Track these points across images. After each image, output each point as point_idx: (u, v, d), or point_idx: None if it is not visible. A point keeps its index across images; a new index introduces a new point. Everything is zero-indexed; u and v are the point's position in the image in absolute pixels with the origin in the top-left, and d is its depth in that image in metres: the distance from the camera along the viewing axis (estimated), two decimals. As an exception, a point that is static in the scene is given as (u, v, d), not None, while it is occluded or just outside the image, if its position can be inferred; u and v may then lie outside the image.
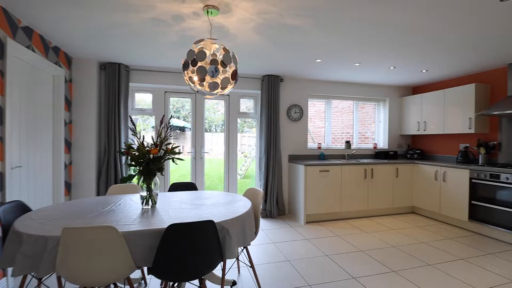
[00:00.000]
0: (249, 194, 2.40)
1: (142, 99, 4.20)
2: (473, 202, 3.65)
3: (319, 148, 4.72)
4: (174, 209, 1.91)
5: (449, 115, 4.30)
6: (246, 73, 4.21)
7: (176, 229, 1.43)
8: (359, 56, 3.34)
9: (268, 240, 3.25)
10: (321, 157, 4.60)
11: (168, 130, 1.96)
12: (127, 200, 2.16)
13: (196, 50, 1.90)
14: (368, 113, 5.31)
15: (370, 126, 5.32)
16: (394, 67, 3.84)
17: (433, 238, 3.40)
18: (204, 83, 1.95)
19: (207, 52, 1.93)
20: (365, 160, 4.55)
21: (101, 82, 3.68)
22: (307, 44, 2.92)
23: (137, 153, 1.86)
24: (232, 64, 1.93)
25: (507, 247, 3.15)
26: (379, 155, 4.96)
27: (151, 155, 1.86)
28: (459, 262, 2.74)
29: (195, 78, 1.98)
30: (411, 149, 5.07)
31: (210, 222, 1.49)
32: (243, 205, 2.01)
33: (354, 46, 2.97)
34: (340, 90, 4.87)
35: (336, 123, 5.02)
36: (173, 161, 1.96)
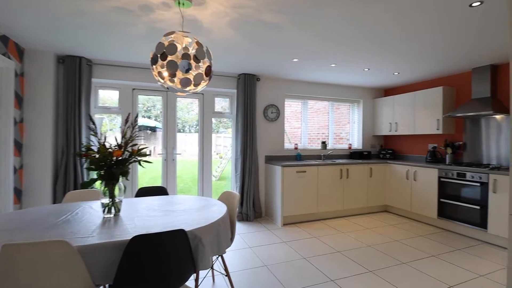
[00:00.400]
0: (225, 197, 2.26)
1: (108, 96, 3.89)
2: (441, 200, 3.81)
3: (296, 148, 4.69)
4: (141, 217, 1.72)
5: (419, 116, 4.47)
6: (221, 71, 4.06)
7: (141, 240, 1.26)
8: (335, 57, 3.34)
9: (244, 245, 3.13)
10: (298, 157, 4.57)
11: (134, 130, 1.77)
12: (87, 208, 1.92)
13: (166, 43, 1.73)
14: (343, 114, 5.39)
15: (345, 127, 5.40)
16: (368, 69, 3.91)
17: (405, 236, 3.49)
18: (175, 79, 1.79)
19: (179, 46, 1.77)
20: (340, 160, 4.60)
21: (58, 77, 3.33)
22: (284, 43, 2.84)
23: (97, 156, 1.65)
24: (206, 59, 1.79)
25: (473, 242, 3.31)
26: (354, 155, 5.04)
27: (114, 158, 1.66)
28: (431, 259, 2.81)
29: (165, 74, 1.80)
30: (384, 149, 5.22)
31: (181, 231, 1.34)
32: (217, 210, 1.87)
33: (331, 46, 2.95)
34: (316, 90, 4.88)
35: (312, 123, 5.03)
36: (140, 164, 1.77)
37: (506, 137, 3.61)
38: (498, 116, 3.69)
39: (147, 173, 8.72)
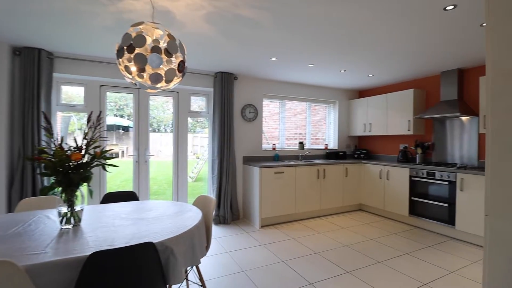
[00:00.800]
0: (200, 202, 2.14)
1: (76, 93, 3.58)
2: (413, 198, 3.94)
3: (274, 149, 4.64)
4: (105, 227, 1.55)
5: (391, 117, 4.61)
6: (197, 68, 3.90)
7: (101, 257, 1.11)
8: (313, 57, 3.32)
9: (221, 250, 3.01)
10: (276, 158, 4.53)
11: (97, 130, 1.59)
12: (42, 218, 1.71)
13: (133, 34, 1.57)
14: (320, 114, 5.44)
15: (321, 127, 5.45)
16: (345, 70, 3.95)
17: (380, 234, 3.57)
18: (145, 74, 1.64)
19: (148, 38, 1.62)
20: (317, 161, 4.62)
21: (14, 71, 2.99)
22: (263, 40, 2.77)
23: (52, 159, 1.46)
24: (179, 54, 1.65)
25: (442, 238, 3.45)
26: (330, 155, 5.10)
27: (73, 162, 1.47)
28: (405, 257, 2.88)
29: (133, 69, 1.64)
30: (358, 149, 5.34)
31: (149, 244, 1.20)
32: (192, 217, 1.75)
33: (310, 46, 2.92)
34: (294, 91, 4.87)
35: (290, 124, 5.01)
36: (104, 169, 1.60)
37: (470, 138, 3.82)
38: (463, 118, 3.89)
39: (119, 175, 8.28)
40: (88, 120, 1.65)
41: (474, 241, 3.27)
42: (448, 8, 2.04)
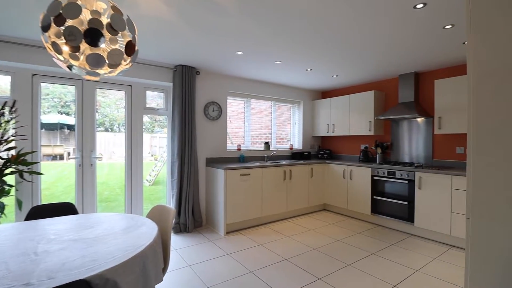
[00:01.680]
0: (156, 214, 1.81)
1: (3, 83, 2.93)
2: (374, 197, 4.04)
3: (239, 150, 4.41)
4: (23, 255, 1.17)
5: (353, 118, 4.70)
6: (154, 60, 3.49)
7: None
8: (281, 53, 3.17)
9: (182, 263, 2.69)
10: (241, 159, 4.30)
11: (7, 125, 1.20)
12: None
13: (64, 2, 1.22)
14: (284, 114, 5.36)
15: (285, 127, 5.37)
16: (311, 69, 3.89)
17: (345, 234, 3.56)
18: (81, 55, 1.29)
19: (85, 10, 1.28)
20: (283, 161, 4.51)
21: None
22: (228, 30, 2.52)
23: None
24: (127, 32, 1.33)
25: (403, 235, 3.56)
26: (295, 155, 5.04)
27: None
28: (372, 257, 2.87)
29: (66, 48, 1.28)
30: (322, 150, 5.37)
31: (80, 283, 0.88)
32: (146, 233, 1.43)
33: (278, 40, 2.76)
34: (260, 89, 4.70)
35: (255, 123, 4.83)
36: (22, 177, 1.21)
37: (425, 138, 4.03)
38: (419, 119, 4.10)
39: (61, 181, 7.27)
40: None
41: (431, 237, 3.43)
42: (418, 6, 2.03)
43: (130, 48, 1.33)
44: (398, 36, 2.63)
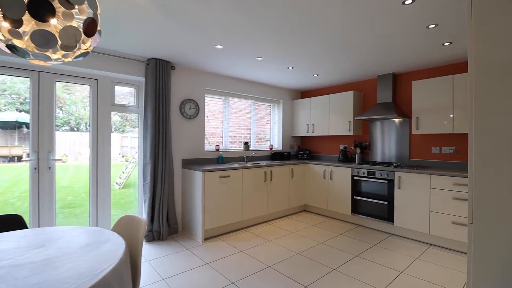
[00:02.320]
0: (124, 226, 1.56)
1: None
2: (355, 197, 4.02)
3: (217, 150, 4.19)
4: None
5: (333, 118, 4.68)
6: (123, 51, 3.17)
7: None
8: (263, 49, 3.01)
9: (155, 277, 2.43)
10: (220, 160, 4.09)
11: None
12: None
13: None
14: (263, 114, 5.22)
15: (265, 127, 5.23)
16: (292, 67, 3.78)
17: (327, 236, 3.49)
18: (25, 31, 1.02)
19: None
20: (264, 162, 4.36)
21: None
22: (208, 21, 2.31)
23: None
24: (86, 7, 1.09)
25: (383, 235, 3.57)
26: (275, 156, 4.92)
27: None
28: (356, 260, 2.80)
29: (5, 24, 1.01)
30: (301, 150, 5.31)
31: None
32: (110, 252, 1.19)
33: (261, 35, 2.59)
34: (239, 87, 4.51)
35: (234, 123, 4.64)
36: None
37: (402, 138, 4.09)
38: (397, 120, 4.15)
39: (16, 185, 6.55)
40: None
41: (411, 236, 3.46)
42: (406, 2, 1.97)
43: (90, 26, 1.09)
44: (383, 33, 2.58)
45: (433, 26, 2.39)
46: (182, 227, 3.67)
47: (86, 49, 1.18)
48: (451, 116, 3.34)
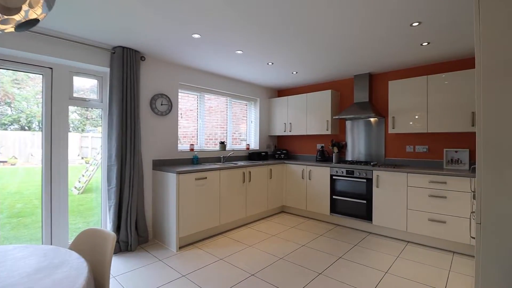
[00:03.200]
0: (86, 243, 1.26)
1: None
2: (333, 197, 3.99)
3: (192, 150, 3.91)
4: None
5: (311, 117, 4.63)
6: (84, 37, 2.77)
7: None
8: (244, 42, 2.82)
9: (124, 295, 2.11)
10: (195, 161, 3.81)
11: None
12: None
13: None
14: (240, 112, 5.02)
15: (240, 126, 5.04)
16: (273, 63, 3.64)
17: (308, 238, 3.40)
18: None
19: None
20: (242, 163, 4.16)
21: None
22: (185, 5, 2.06)
23: None
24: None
25: (362, 234, 3.56)
26: (253, 156, 4.75)
27: None
28: (340, 262, 2.73)
29: None
30: (279, 150, 5.20)
31: None
32: (66, 281, 0.92)
33: (243, 26, 2.40)
34: (215, 83, 4.27)
35: (209, 121, 4.38)
36: None
37: (377, 137, 4.16)
38: (372, 119, 4.21)
39: None
40: None
41: (389, 234, 3.50)
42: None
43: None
44: (368, 28, 2.53)
45: (417, 24, 2.38)
46: (154, 235, 3.33)
47: (37, 15, 0.90)
48: (426, 115, 3.44)
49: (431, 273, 2.49)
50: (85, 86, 3.08)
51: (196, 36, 2.67)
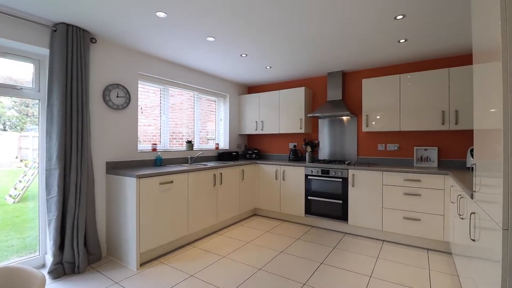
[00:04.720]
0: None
1: None
2: (309, 197, 3.84)
3: (155, 150, 3.44)
4: None
5: (284, 115, 4.44)
6: (13, 6, 2.19)
7: None
8: (217, 27, 2.49)
9: (67, 336, 1.64)
10: (158, 162, 3.35)
11: None
12: None
13: None
14: (208, 109, 4.64)
15: (207, 124, 4.66)
16: (246, 55, 3.35)
17: (286, 243, 3.18)
18: None
19: None
20: (211, 163, 3.80)
21: None
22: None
23: None
24: None
25: (338, 235, 3.46)
26: (223, 156, 4.41)
27: None
28: (322, 268, 2.55)
29: None
30: (249, 149, 4.94)
31: None
32: None
33: (217, 7, 2.07)
34: (181, 76, 3.84)
35: (173, 118, 3.93)
36: None
37: (350, 136, 4.12)
38: (345, 117, 4.16)
39: None
40: None
41: (365, 234, 3.44)
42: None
43: None
44: (350, 17, 2.38)
45: (401, 17, 2.29)
46: (108, 252, 2.81)
47: None
48: (399, 114, 3.45)
49: (413, 274, 2.42)
50: (17, 72, 2.46)
51: (161, 14, 2.26)
